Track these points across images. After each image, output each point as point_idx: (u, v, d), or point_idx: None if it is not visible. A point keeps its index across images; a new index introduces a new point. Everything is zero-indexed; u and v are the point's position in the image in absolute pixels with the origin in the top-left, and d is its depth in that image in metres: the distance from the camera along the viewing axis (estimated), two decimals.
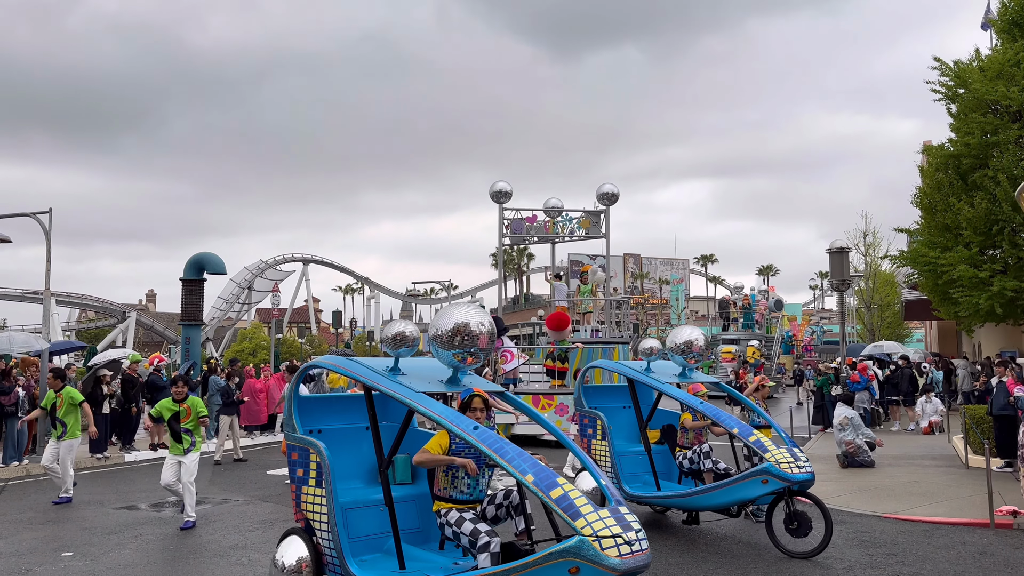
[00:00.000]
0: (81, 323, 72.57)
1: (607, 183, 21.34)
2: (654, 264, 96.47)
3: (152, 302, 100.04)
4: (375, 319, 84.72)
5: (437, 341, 5.46)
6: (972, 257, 17.21)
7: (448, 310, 5.61)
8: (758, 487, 7.75)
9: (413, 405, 5.27)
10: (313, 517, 5.73)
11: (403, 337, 5.79)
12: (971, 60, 18.60)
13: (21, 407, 14.16)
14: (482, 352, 5.47)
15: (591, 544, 4.32)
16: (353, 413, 6.56)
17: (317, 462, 5.70)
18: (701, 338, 8.84)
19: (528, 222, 21.48)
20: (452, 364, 5.56)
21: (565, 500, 4.49)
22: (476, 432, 4.93)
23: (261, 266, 71.03)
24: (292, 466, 5.99)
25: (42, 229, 16.66)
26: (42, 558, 7.98)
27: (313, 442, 5.80)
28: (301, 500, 5.86)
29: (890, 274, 41.22)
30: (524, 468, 4.67)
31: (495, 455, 4.77)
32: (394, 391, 5.39)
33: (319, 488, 5.68)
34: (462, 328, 5.39)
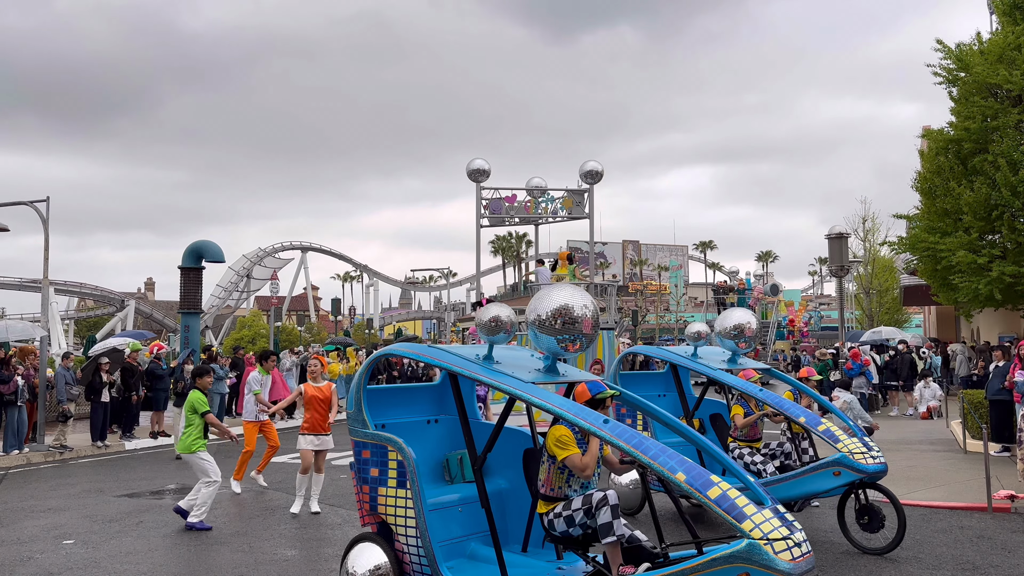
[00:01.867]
0: (80, 311, 72.57)
1: (591, 160, 20.46)
2: (653, 251, 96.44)
3: (151, 290, 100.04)
4: (374, 306, 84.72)
5: (537, 326, 4.98)
6: (971, 242, 17.18)
7: (547, 292, 5.11)
8: (829, 479, 7.32)
9: (527, 398, 4.74)
10: (396, 521, 5.26)
11: (499, 322, 5.32)
12: (972, 43, 18.50)
13: (20, 396, 14.17)
14: (586, 337, 4.99)
15: (763, 548, 3.94)
16: (412, 406, 6.17)
17: (399, 461, 5.25)
18: (753, 321, 8.32)
19: (508, 202, 20.58)
20: (554, 351, 5.06)
21: (726, 500, 4.08)
22: (608, 427, 4.44)
23: (260, 254, 71.00)
24: (363, 466, 5.51)
25: (40, 218, 16.62)
26: (43, 546, 8.00)
27: (392, 439, 5.35)
28: (377, 503, 5.39)
29: (889, 260, 41.21)
30: (672, 466, 4.20)
31: (636, 452, 4.29)
32: (500, 382, 4.90)
33: (402, 489, 5.21)
34: (565, 311, 4.92)
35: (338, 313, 67.73)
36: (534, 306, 5.04)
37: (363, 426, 5.56)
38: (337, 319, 66.28)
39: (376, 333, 69.68)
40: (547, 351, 5.12)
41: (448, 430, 6.06)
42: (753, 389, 7.89)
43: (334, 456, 13.98)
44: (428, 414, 6.19)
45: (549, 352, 5.13)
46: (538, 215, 20.81)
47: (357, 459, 5.58)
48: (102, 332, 57.99)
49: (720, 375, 8.06)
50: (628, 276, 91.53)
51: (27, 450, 14.36)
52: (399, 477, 5.24)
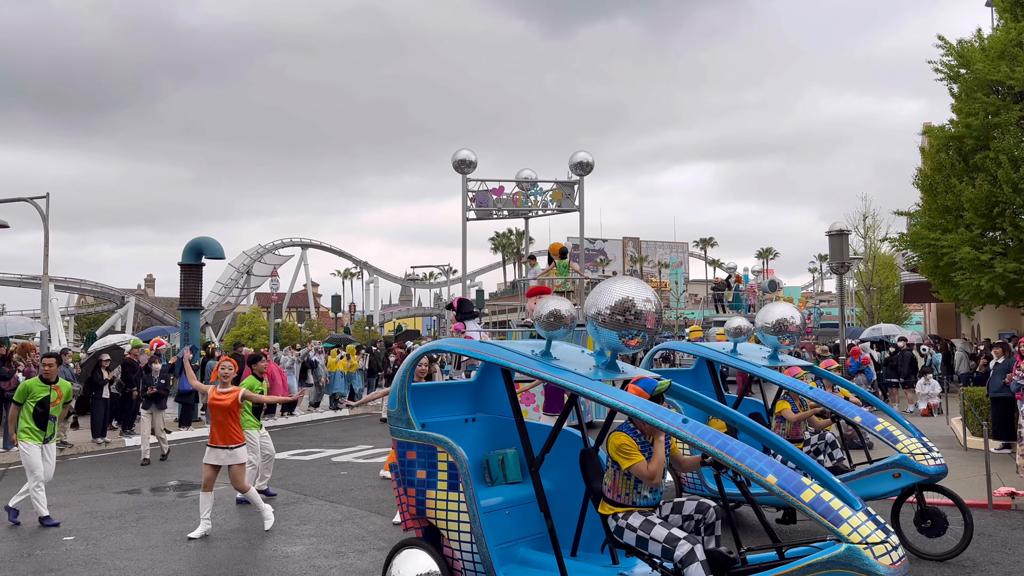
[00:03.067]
0: (80, 308, 72.58)
1: (580, 151, 19.78)
2: (653, 247, 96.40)
3: (151, 287, 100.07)
4: (374, 303, 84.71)
5: (598, 320, 4.71)
6: (973, 239, 17.16)
7: (607, 285, 4.85)
8: (889, 481, 6.99)
9: (596, 396, 4.52)
10: (448, 526, 5.04)
11: (559, 316, 5.05)
12: (973, 40, 18.47)
13: None
14: (649, 332, 4.74)
15: (862, 552, 3.77)
16: (449, 404, 5.94)
17: (449, 462, 5.03)
18: (797, 316, 7.85)
19: (495, 194, 19.75)
20: (614, 346, 4.81)
21: (820, 503, 3.90)
22: (688, 427, 4.21)
23: (260, 251, 70.97)
24: (407, 467, 5.27)
25: (40, 214, 16.60)
26: (44, 542, 8.00)
27: (441, 439, 5.11)
28: (425, 506, 5.16)
29: (889, 256, 41.19)
30: (761, 468, 3.97)
31: (720, 453, 4.06)
32: (565, 379, 4.67)
33: (453, 492, 5.00)
34: (627, 304, 4.65)
35: (338, 310, 67.65)
36: (594, 300, 4.80)
37: (408, 426, 5.31)
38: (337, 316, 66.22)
39: (376, 330, 69.68)
40: (607, 347, 4.86)
41: (486, 429, 5.82)
42: (803, 387, 7.51)
43: (333, 453, 13.99)
44: (465, 412, 5.95)
45: (609, 348, 4.86)
46: (527, 208, 20.11)
47: (401, 460, 5.32)
48: (102, 329, 58.03)
49: (765, 372, 7.64)
50: (628, 273, 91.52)
51: None
52: (450, 480, 5.03)
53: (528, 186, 19.84)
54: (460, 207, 19.75)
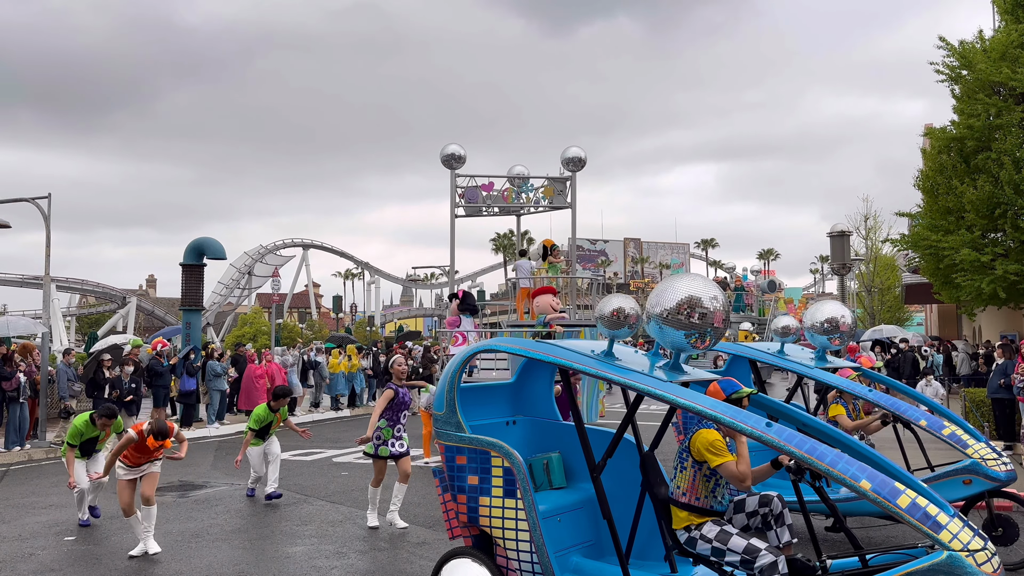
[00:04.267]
0: (82, 308, 72.63)
1: (573, 146, 19.27)
2: (655, 248, 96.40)
3: (152, 287, 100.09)
4: (375, 304, 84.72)
5: (662, 319, 4.51)
6: (974, 240, 17.14)
7: (671, 282, 4.65)
8: (959, 488, 6.68)
9: (671, 399, 4.30)
10: (505, 534, 4.86)
11: (624, 314, 4.83)
12: (975, 41, 18.46)
13: (23, 392, 14.19)
14: (716, 332, 4.53)
15: (964, 560, 3.65)
16: (490, 406, 5.73)
17: (505, 467, 4.85)
18: (848, 315, 7.48)
19: (484, 190, 19.25)
20: (680, 346, 4.59)
21: (917, 509, 3.75)
22: (773, 431, 4.02)
23: (261, 251, 70.96)
24: (457, 473, 5.08)
25: (41, 214, 16.62)
26: (45, 542, 8.01)
27: (495, 443, 4.91)
28: (478, 513, 4.98)
29: (891, 258, 41.17)
30: (854, 473, 3.80)
31: (811, 459, 3.87)
32: (636, 381, 4.46)
33: (510, 499, 4.82)
34: (692, 302, 4.45)
35: (339, 310, 67.89)
36: (657, 298, 4.58)
37: (457, 429, 5.08)
38: (338, 316, 66.38)
39: (377, 330, 69.69)
40: (671, 347, 4.64)
41: (527, 432, 5.62)
42: (863, 390, 7.14)
43: (334, 453, 13.99)
44: (505, 415, 5.74)
45: (674, 348, 4.65)
46: (518, 205, 19.55)
47: (449, 466, 5.11)
48: (103, 329, 58.05)
49: (820, 374, 7.23)
50: (629, 274, 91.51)
51: (28, 446, 14.37)
52: (506, 486, 4.85)
53: (519, 182, 19.36)
54: (466, 208, 19.38)
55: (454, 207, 19.07)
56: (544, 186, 19.44)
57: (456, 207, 19.14)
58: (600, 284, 23.00)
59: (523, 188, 19.34)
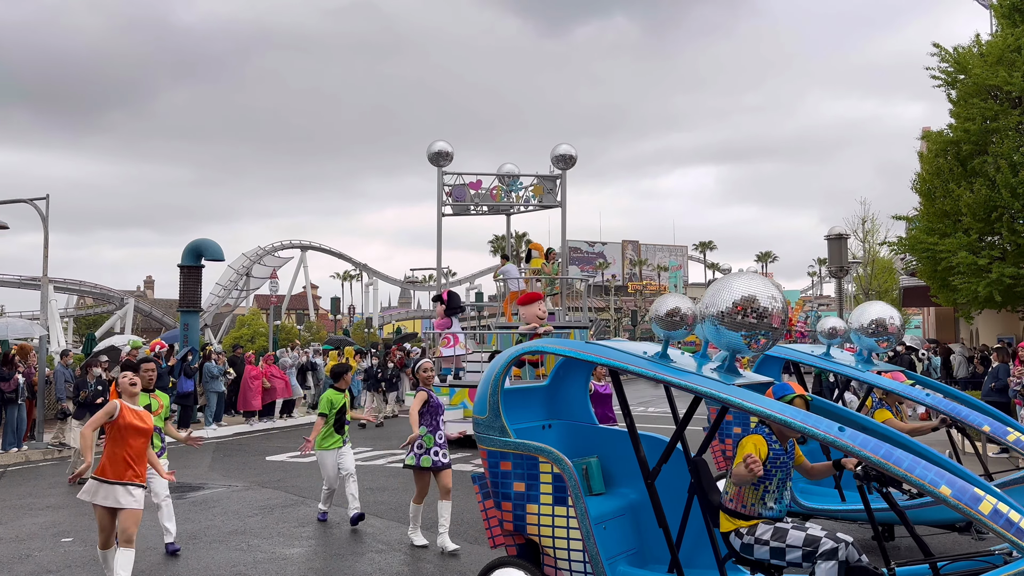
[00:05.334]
0: (79, 309, 72.55)
1: (563, 144, 18.72)
2: (653, 251, 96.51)
3: (150, 288, 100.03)
4: (373, 305, 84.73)
5: (719, 319, 4.35)
6: (971, 243, 17.20)
7: (727, 281, 4.48)
8: None
9: (736, 402, 4.13)
10: (555, 543, 4.70)
11: (680, 315, 4.66)
12: (971, 45, 18.53)
13: (20, 394, 14.19)
14: (773, 333, 4.34)
15: None
16: (524, 409, 5.52)
17: (555, 473, 4.69)
18: (896, 316, 7.23)
19: (472, 188, 18.75)
20: (736, 347, 4.43)
21: (999, 516, 3.60)
22: (846, 435, 3.84)
23: (259, 252, 71.00)
24: (502, 480, 4.89)
25: (39, 215, 16.62)
26: (42, 543, 8.01)
27: (544, 448, 4.75)
28: (525, 521, 4.81)
29: (888, 260, 41.26)
30: (933, 479, 3.63)
31: (887, 463, 3.69)
32: (696, 384, 4.28)
33: (560, 507, 4.67)
34: (749, 302, 4.28)
35: (337, 312, 67.82)
36: (713, 298, 4.42)
37: (501, 434, 4.89)
38: (336, 318, 66.34)
39: (375, 332, 69.68)
40: (727, 348, 4.48)
41: (564, 436, 5.46)
42: (919, 394, 6.83)
43: None
44: (541, 418, 5.58)
45: (730, 349, 4.48)
46: (508, 204, 18.98)
47: (492, 472, 4.93)
48: (101, 330, 58.03)
49: (872, 377, 6.92)
50: (628, 276, 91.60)
51: (26, 448, 14.37)
52: (556, 492, 4.70)
53: (508, 180, 18.85)
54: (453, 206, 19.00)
55: (441, 205, 18.61)
56: (533, 184, 18.91)
57: (443, 205, 18.67)
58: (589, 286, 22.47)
59: (512, 186, 18.88)
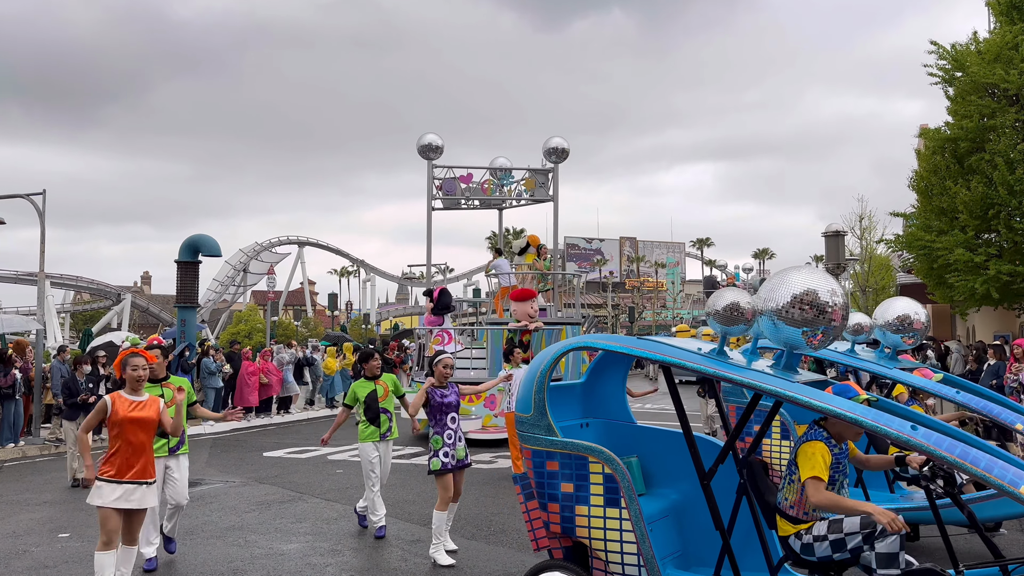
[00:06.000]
0: (76, 305, 72.42)
1: (555, 136, 18.44)
2: (650, 247, 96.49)
3: (148, 284, 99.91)
4: (371, 302, 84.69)
5: (778, 315, 4.19)
6: (968, 241, 17.24)
7: (785, 275, 4.32)
8: None
9: (806, 401, 3.96)
10: (608, 547, 4.57)
11: (739, 310, 4.48)
12: (969, 43, 18.55)
13: (17, 389, 14.18)
14: (834, 330, 4.19)
15: None
16: (561, 408, 5.35)
17: (606, 474, 4.56)
18: (921, 312, 7.08)
19: (463, 182, 18.36)
20: (794, 344, 4.26)
21: None
22: (919, 434, 3.73)
23: (256, 248, 70.95)
24: (548, 480, 4.74)
25: (36, 210, 16.59)
26: (39, 539, 8.01)
27: (594, 448, 4.60)
28: (574, 523, 4.68)
29: (885, 258, 41.31)
30: (1012, 479, 3.47)
31: (963, 463, 3.57)
32: (759, 382, 4.13)
33: (613, 508, 4.53)
34: (810, 297, 4.12)
35: (335, 308, 67.77)
36: (770, 292, 4.26)
37: (548, 432, 4.73)
38: (334, 314, 66.28)
39: (373, 328, 69.65)
40: (785, 345, 4.31)
41: (601, 435, 5.30)
42: (948, 392, 6.69)
43: (329, 451, 13.99)
44: (578, 417, 5.44)
45: (787, 346, 4.31)
46: (499, 198, 18.59)
47: (537, 472, 4.76)
48: (98, 326, 57.94)
49: (900, 375, 6.78)
50: (625, 272, 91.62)
51: (22, 443, 14.36)
52: (607, 494, 4.56)
53: (499, 174, 18.48)
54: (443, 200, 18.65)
55: (431, 199, 18.26)
56: (525, 178, 18.52)
57: (433, 199, 18.31)
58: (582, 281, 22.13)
59: (504, 180, 18.53)
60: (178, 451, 7.04)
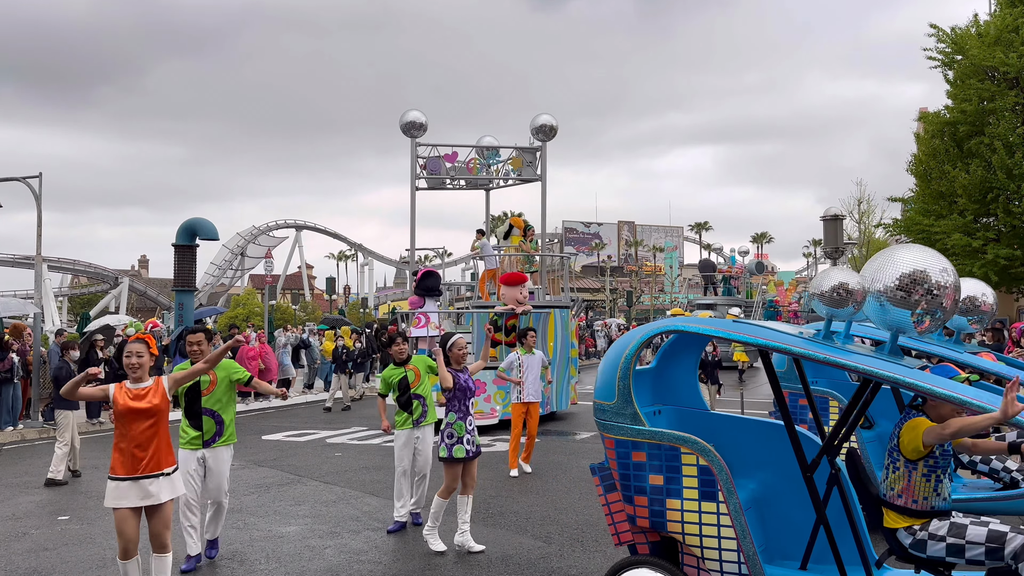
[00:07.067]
0: (74, 289, 72.35)
1: (543, 114, 17.75)
2: (649, 232, 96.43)
3: (145, 268, 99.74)
4: (368, 286, 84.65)
5: (885, 296, 3.96)
6: (966, 225, 17.25)
7: (891, 253, 4.06)
8: None
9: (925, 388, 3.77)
10: (704, 542, 4.32)
11: (847, 291, 4.16)
12: (969, 26, 18.46)
13: (16, 373, 14.18)
14: (945, 312, 3.97)
15: None
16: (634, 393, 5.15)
17: (701, 466, 4.31)
18: (989, 294, 6.74)
19: (447, 160, 17.78)
20: (902, 327, 4.02)
21: None
22: None
23: (254, 232, 70.83)
24: (634, 472, 4.48)
25: (32, 194, 16.52)
26: (38, 521, 8.03)
27: (688, 438, 4.35)
28: (665, 518, 4.42)
29: (884, 242, 41.32)
30: None
31: None
32: (874, 368, 3.87)
33: (709, 502, 4.29)
34: (920, 277, 3.89)
35: (333, 292, 67.74)
36: (876, 272, 4.02)
37: (633, 421, 4.46)
38: (332, 298, 66.27)
39: (371, 312, 69.67)
40: (892, 328, 4.08)
41: (674, 423, 5.09)
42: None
43: (327, 434, 14.03)
44: (648, 403, 5.16)
45: (895, 329, 4.09)
46: (486, 178, 18.01)
47: (622, 464, 4.51)
48: (96, 309, 57.89)
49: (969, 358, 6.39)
50: (623, 257, 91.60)
51: (21, 426, 14.38)
52: (703, 487, 4.31)
53: (486, 153, 17.87)
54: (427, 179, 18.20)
55: (415, 179, 17.69)
56: (512, 157, 17.92)
57: (417, 179, 17.76)
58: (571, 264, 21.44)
59: (490, 159, 17.94)
60: (215, 442, 6.34)
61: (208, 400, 6.31)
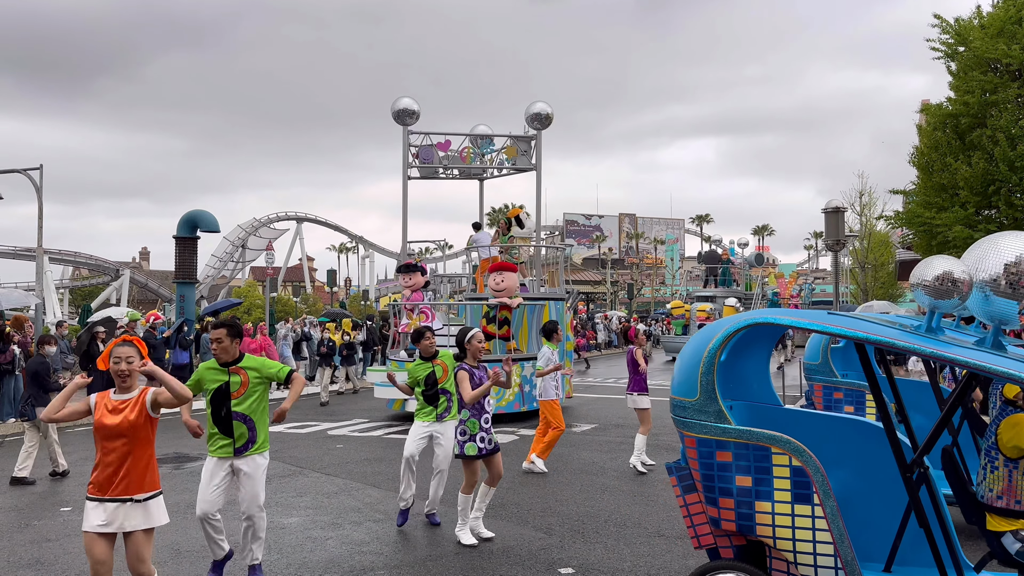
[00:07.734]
0: (75, 281, 72.39)
1: (538, 102, 17.42)
2: (650, 224, 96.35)
3: (146, 259, 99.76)
4: (369, 278, 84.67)
5: (992, 287, 3.79)
6: (968, 217, 17.22)
7: (994, 241, 3.87)
8: None
9: None
10: (798, 547, 4.04)
11: (954, 281, 3.89)
12: (972, 17, 18.40)
13: (17, 365, 14.20)
14: None
15: None
16: None
17: (794, 467, 4.06)
18: None
19: (440, 149, 17.48)
20: (1007, 319, 3.85)
21: None
22: None
23: (255, 224, 70.77)
24: (719, 472, 4.22)
25: (33, 186, 16.52)
26: (41, 513, 8.06)
27: (779, 437, 4.10)
28: (754, 521, 4.15)
29: (885, 234, 41.26)
30: None
31: None
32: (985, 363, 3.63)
33: (804, 506, 4.03)
34: None
35: (334, 284, 67.78)
36: (979, 261, 3.83)
37: (718, 419, 4.21)
38: (333, 290, 66.31)
39: (372, 304, 69.71)
40: (994, 319, 3.89)
41: (746, 419, 4.91)
42: None
43: (329, 426, 14.06)
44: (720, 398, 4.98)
45: (997, 321, 3.90)
46: (480, 166, 17.49)
47: (705, 464, 4.25)
48: (97, 302, 57.92)
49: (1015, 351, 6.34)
50: (624, 249, 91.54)
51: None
52: (796, 489, 4.06)
53: (480, 141, 17.55)
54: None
55: (407, 168, 17.37)
56: (506, 146, 17.54)
57: (409, 167, 17.41)
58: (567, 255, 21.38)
59: (484, 148, 17.62)
60: (248, 450, 5.76)
61: (238, 404, 5.67)
